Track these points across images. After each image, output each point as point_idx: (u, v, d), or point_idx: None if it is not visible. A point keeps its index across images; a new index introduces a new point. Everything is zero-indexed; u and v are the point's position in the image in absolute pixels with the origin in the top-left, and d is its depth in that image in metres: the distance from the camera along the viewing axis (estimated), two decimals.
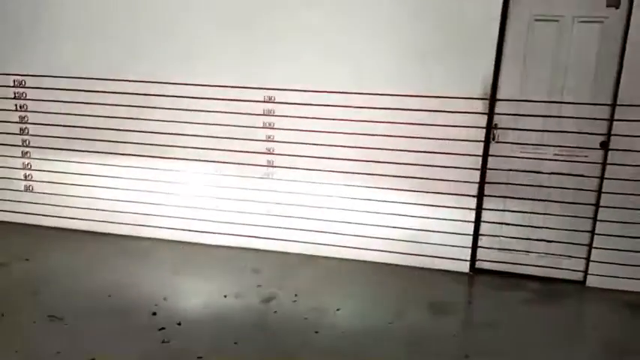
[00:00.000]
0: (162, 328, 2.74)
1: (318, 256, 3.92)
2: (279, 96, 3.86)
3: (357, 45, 3.66)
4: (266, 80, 3.83)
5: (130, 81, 4.03)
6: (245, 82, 3.86)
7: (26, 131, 4.35)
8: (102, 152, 4.23)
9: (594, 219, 3.62)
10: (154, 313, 2.91)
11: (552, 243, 3.73)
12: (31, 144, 4.37)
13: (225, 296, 3.19)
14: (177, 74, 3.95)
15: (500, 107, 3.64)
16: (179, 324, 2.80)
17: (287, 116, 3.87)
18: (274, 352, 2.59)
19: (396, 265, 3.83)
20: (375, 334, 2.83)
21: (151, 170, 4.16)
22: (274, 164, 3.99)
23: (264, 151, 3.99)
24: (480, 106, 3.62)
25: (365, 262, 3.86)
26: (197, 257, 3.85)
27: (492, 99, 3.62)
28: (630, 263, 3.59)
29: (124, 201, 4.24)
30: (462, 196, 3.77)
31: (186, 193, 4.14)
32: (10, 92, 4.31)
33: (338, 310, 3.08)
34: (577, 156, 3.59)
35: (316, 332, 2.80)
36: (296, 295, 3.25)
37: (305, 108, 3.82)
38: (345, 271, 3.73)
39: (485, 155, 3.71)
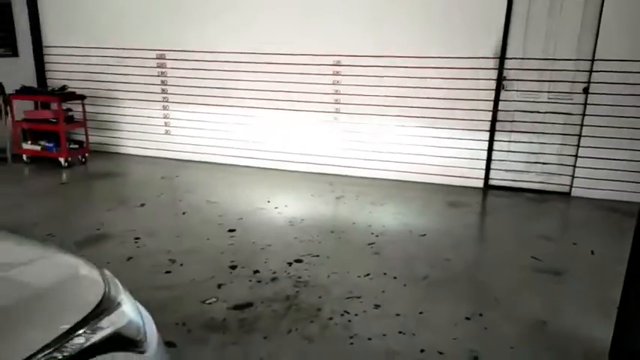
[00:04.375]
0: (277, 208, 4.45)
1: (374, 178, 5.48)
2: (344, 60, 5.38)
3: (404, 19, 5.08)
4: (335, 49, 5.35)
5: (234, 52, 5.69)
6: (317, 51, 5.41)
7: (166, 90, 6.17)
8: (216, 105, 5.96)
9: (577, 146, 4.91)
10: (269, 201, 4.63)
11: (546, 164, 5.06)
12: (170, 100, 6.20)
13: (312, 195, 4.86)
14: (268, 45, 5.55)
15: (508, 64, 4.95)
16: (286, 206, 4.51)
17: (350, 75, 5.39)
18: (339, 223, 4.20)
19: (430, 184, 5.32)
20: (407, 215, 4.39)
21: (251, 117, 5.86)
22: (340, 111, 5.55)
23: (333, 101, 5.55)
24: (493, 63, 4.95)
25: (407, 181, 5.37)
26: (289, 178, 5.53)
27: (502, 58, 4.93)
28: (604, 178, 4.87)
29: (236, 140, 5.99)
30: (479, 131, 5.16)
31: (278, 134, 5.82)
32: (154, 63, 6.12)
33: (383, 204, 4.65)
34: (565, 99, 4.86)
35: (370, 212, 4.41)
36: (357, 196, 4.86)
37: (363, 69, 5.31)
38: (393, 186, 5.26)
39: (497, 100, 5.05)
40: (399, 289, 3.03)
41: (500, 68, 4.97)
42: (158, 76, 6.16)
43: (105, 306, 1.21)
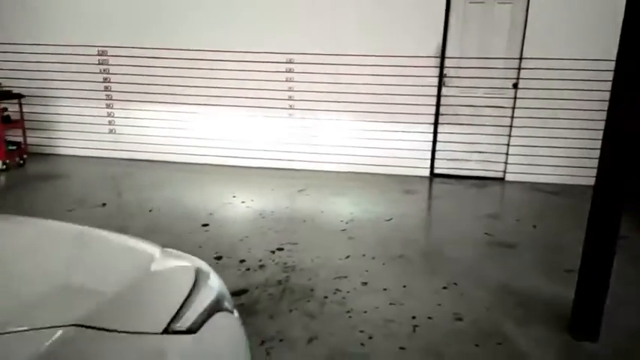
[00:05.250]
0: (244, 202, 4.53)
1: (330, 171, 5.72)
2: (297, 58, 5.56)
3: (355, 22, 5.37)
4: (288, 46, 5.51)
5: (188, 50, 5.65)
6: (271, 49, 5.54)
7: (109, 88, 5.95)
8: (165, 102, 5.87)
9: (509, 136, 5.50)
10: (234, 196, 4.69)
11: (483, 153, 5.61)
12: (114, 98, 5.98)
13: (273, 189, 4.99)
14: (221, 43, 5.58)
15: (448, 62, 5.42)
16: (252, 200, 4.60)
17: (303, 72, 5.58)
18: (308, 213, 4.39)
19: (383, 174, 5.67)
20: (369, 203, 4.68)
21: (205, 115, 5.85)
22: (295, 107, 5.72)
23: (287, 98, 5.71)
24: (435, 62, 5.39)
25: (361, 173, 5.68)
26: (247, 174, 5.61)
27: (442, 57, 5.39)
28: (530, 163, 5.51)
29: (190, 137, 5.94)
30: (424, 124, 5.59)
31: (234, 131, 5.86)
32: (96, 59, 5.88)
33: (344, 195, 4.91)
34: (498, 94, 5.43)
35: (333, 202, 4.64)
36: (318, 188, 5.07)
37: (317, 67, 5.52)
38: (349, 178, 5.54)
39: (439, 96, 5.51)
40: (379, 268, 3.29)
41: (441, 67, 5.43)
42: (100, 73, 5.92)
43: (203, 277, 1.33)
